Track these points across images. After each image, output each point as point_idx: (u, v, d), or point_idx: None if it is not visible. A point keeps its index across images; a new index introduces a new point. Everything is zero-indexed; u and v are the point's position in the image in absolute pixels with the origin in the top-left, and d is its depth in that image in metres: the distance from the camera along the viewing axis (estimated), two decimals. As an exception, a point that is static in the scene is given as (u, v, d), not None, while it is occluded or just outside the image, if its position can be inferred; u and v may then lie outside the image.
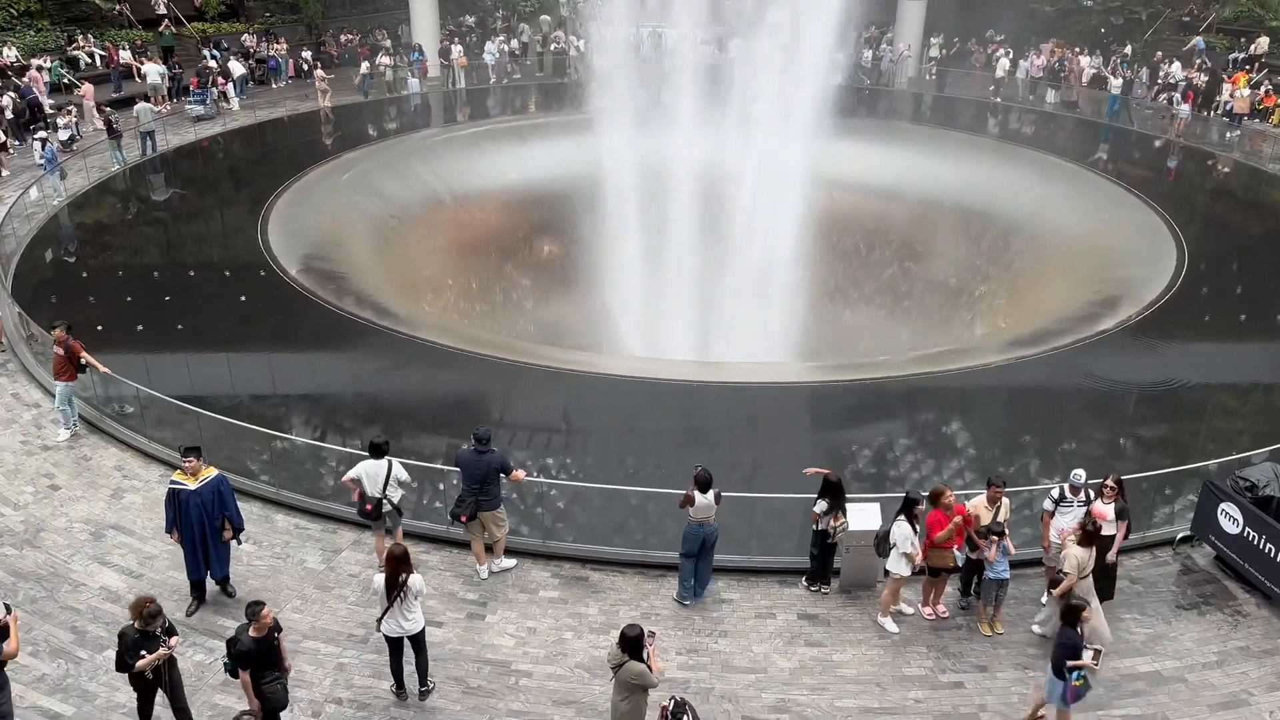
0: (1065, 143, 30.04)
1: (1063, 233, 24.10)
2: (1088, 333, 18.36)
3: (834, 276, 25.75)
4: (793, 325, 22.02)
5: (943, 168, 27.89)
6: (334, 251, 22.52)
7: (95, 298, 18.99)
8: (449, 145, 29.90)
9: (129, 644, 8.15)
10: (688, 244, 23.10)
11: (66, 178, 24.37)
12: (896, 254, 26.82)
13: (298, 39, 38.17)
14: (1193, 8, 38.50)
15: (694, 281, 22.82)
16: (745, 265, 22.32)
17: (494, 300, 25.84)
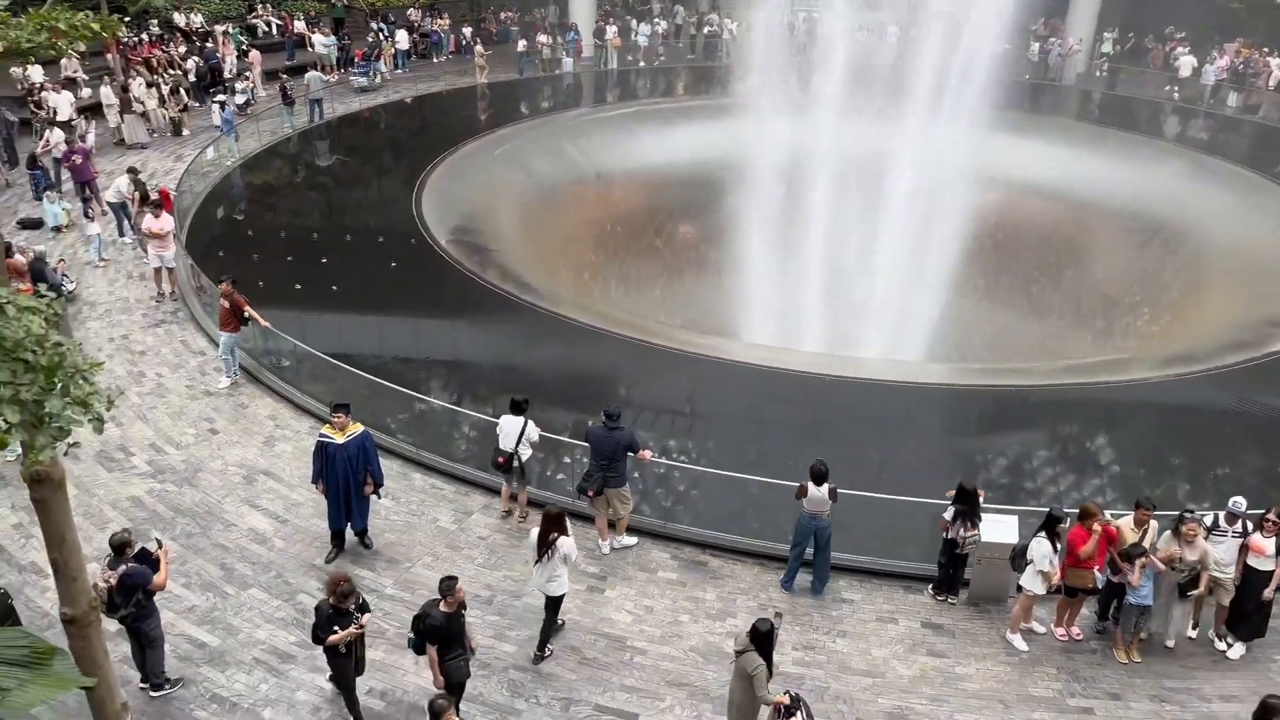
0: (1245, 150, 27.99)
1: (1235, 245, 22.51)
2: (1257, 353, 17.11)
3: (984, 276, 24.80)
4: (936, 324, 21.37)
5: (1109, 169, 26.45)
6: (482, 224, 23.16)
7: (259, 255, 20.12)
8: (598, 125, 30.28)
9: (323, 619, 8.40)
10: (831, 234, 22.71)
11: (240, 140, 25.84)
12: (1053, 257, 25.59)
13: (460, 15, 39.29)
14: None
15: (835, 273, 22.42)
16: (891, 259, 21.78)
17: (631, 279, 26.04)
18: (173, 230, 17.46)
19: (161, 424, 13.65)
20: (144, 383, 14.72)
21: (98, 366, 3.17)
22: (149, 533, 11.04)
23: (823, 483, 10.42)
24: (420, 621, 8.33)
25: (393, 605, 10.28)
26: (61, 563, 5.20)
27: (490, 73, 33.45)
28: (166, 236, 17.09)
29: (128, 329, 16.33)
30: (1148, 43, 35.54)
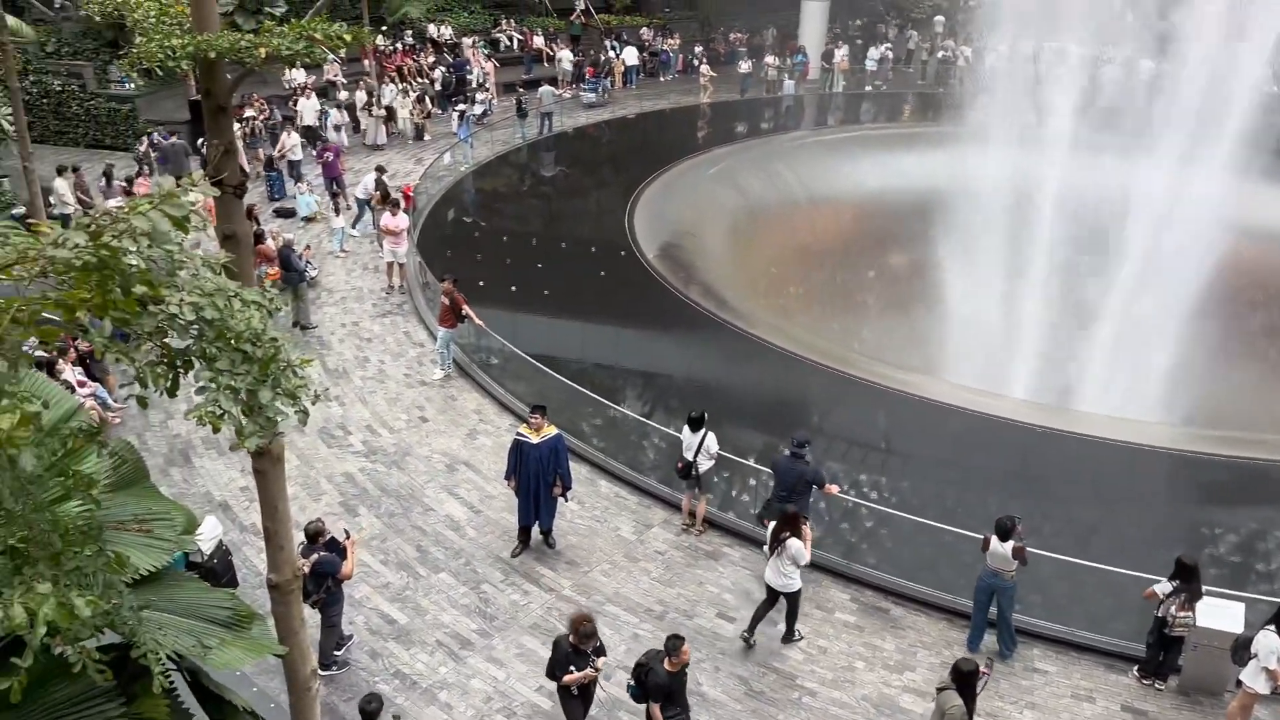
0: None
1: None
2: None
3: (1231, 335, 22.57)
4: (1170, 382, 19.62)
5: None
6: (690, 240, 23.40)
7: (482, 255, 21.20)
8: (815, 148, 29.91)
9: (560, 657, 8.40)
10: (1058, 276, 21.37)
11: (475, 147, 27.38)
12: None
13: (690, 35, 39.95)
14: None
15: (1058, 318, 21.07)
16: (1124, 307, 20.22)
17: (835, 306, 25.51)
18: (407, 228, 18.70)
19: (378, 408, 14.62)
20: (367, 367, 15.83)
21: (308, 362, 3.39)
22: (355, 510, 11.84)
23: (1007, 539, 9.77)
24: (642, 672, 8.23)
25: (567, 606, 10.49)
26: (272, 531, 5.63)
27: (714, 93, 33.82)
28: (401, 234, 18.33)
29: (358, 316, 17.62)
30: None
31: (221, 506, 12.01)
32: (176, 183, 2.77)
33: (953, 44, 37.54)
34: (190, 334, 2.84)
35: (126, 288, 2.50)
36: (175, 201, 2.58)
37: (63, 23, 29.20)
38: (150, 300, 2.63)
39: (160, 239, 2.52)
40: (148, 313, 2.64)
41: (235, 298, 2.88)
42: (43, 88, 25.77)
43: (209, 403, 2.92)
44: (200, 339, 2.85)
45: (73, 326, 2.62)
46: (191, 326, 2.76)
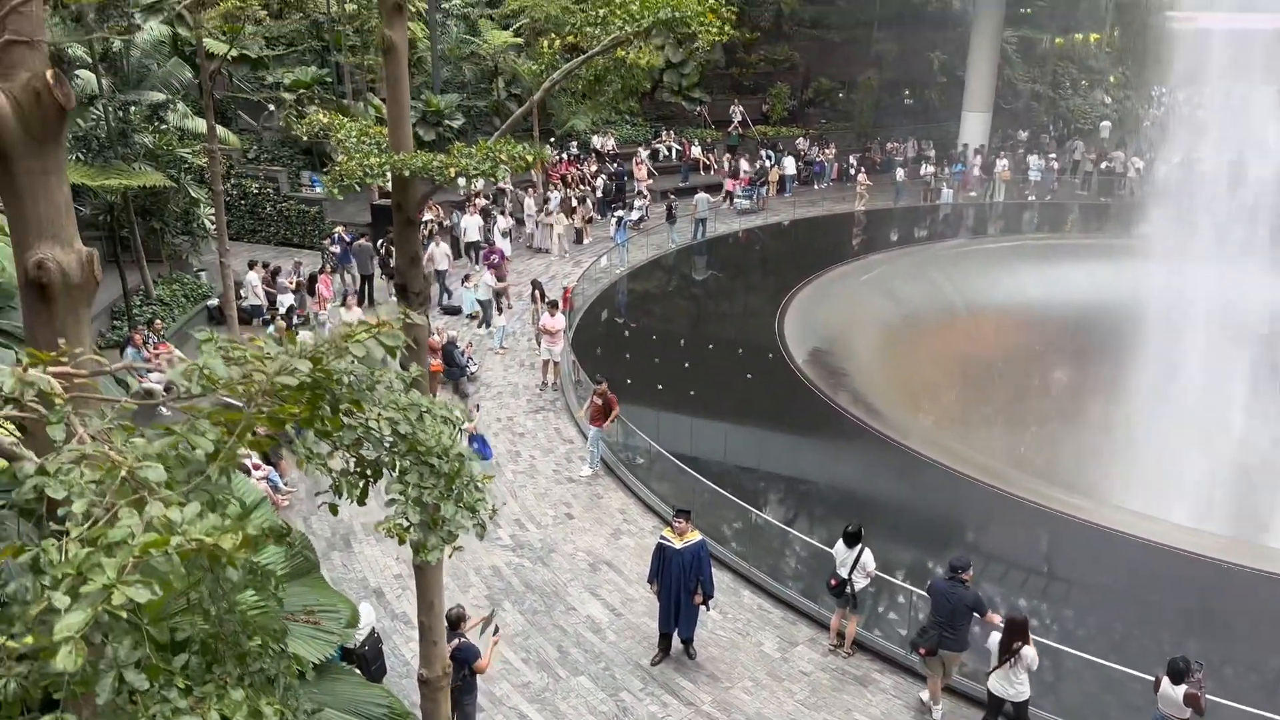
0: None
1: None
2: None
3: None
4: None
5: None
6: (840, 347, 23.18)
7: (631, 354, 21.64)
8: (973, 256, 29.37)
9: None
10: (1237, 402, 19.97)
11: (630, 252, 28.24)
12: None
13: (846, 145, 40.36)
14: None
15: (1237, 445, 19.59)
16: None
17: (993, 420, 24.56)
18: (563, 328, 19.34)
19: (527, 502, 14.92)
20: (519, 461, 16.23)
21: (489, 479, 3.53)
22: (500, 604, 12.01)
23: (1180, 682, 8.95)
24: None
25: (706, 723, 10.22)
26: (427, 626, 5.78)
27: (869, 200, 33.85)
28: (557, 334, 18.97)
29: (513, 411, 18.19)
30: None
31: (375, 593, 12.42)
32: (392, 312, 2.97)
33: (1121, 155, 36.44)
34: (384, 446, 3.03)
35: (335, 406, 2.71)
36: (390, 332, 2.79)
37: (264, 132, 32.17)
38: (351, 413, 2.84)
39: (372, 364, 2.73)
40: (348, 426, 2.85)
41: (427, 413, 3.06)
42: (242, 190, 28.33)
43: (398, 515, 3.09)
44: (392, 451, 3.04)
45: (280, 439, 2.84)
46: (386, 439, 2.95)
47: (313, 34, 32.79)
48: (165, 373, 2.82)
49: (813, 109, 43.45)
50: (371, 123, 6.81)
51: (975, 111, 37.16)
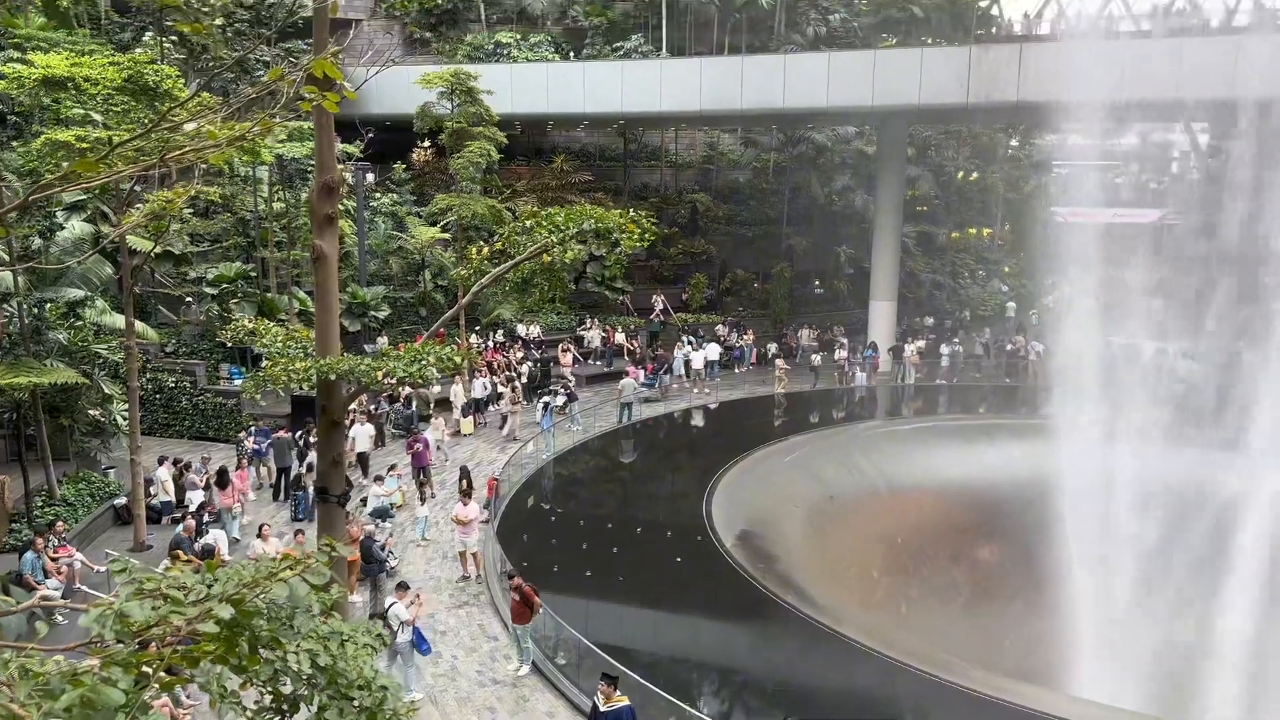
0: None
1: None
2: None
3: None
4: None
5: None
6: (768, 528, 23.19)
7: (558, 540, 21.27)
8: (890, 438, 30.16)
9: None
10: (1154, 576, 20.38)
11: (557, 436, 28.27)
12: None
13: (763, 331, 41.89)
14: None
15: (1160, 622, 19.86)
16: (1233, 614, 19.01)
17: (921, 601, 24.53)
18: (476, 517, 19.03)
19: (448, 708, 14.15)
20: (439, 664, 15.50)
21: (414, 710, 3.39)
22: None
23: None
24: None
25: None
26: None
27: (788, 384, 34.84)
28: (471, 523, 18.63)
29: (434, 607, 17.52)
30: None
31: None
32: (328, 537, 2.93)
33: (1022, 339, 38.51)
34: (302, 680, 2.89)
35: (254, 647, 2.61)
36: (315, 569, 2.73)
37: (184, 326, 31.98)
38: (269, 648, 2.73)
39: (298, 603, 2.65)
40: (265, 661, 2.73)
41: (348, 640, 2.95)
42: (157, 384, 27.79)
43: (316, 754, 2.92)
44: (311, 684, 2.90)
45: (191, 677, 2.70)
46: (304, 672, 2.82)
47: (239, 230, 33.33)
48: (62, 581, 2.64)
49: (730, 297, 45.25)
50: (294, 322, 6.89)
51: (882, 300, 39.12)
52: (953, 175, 52.62)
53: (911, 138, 45.44)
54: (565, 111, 38.09)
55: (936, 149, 52.31)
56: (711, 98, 34.69)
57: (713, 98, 34.69)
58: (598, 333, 38.18)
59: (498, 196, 36.64)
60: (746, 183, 50.43)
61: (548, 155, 46.28)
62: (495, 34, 45.24)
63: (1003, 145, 54.47)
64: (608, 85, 35.91)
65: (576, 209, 6.63)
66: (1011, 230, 54.85)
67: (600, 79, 36.43)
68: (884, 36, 48.62)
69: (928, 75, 32.19)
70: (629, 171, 47.75)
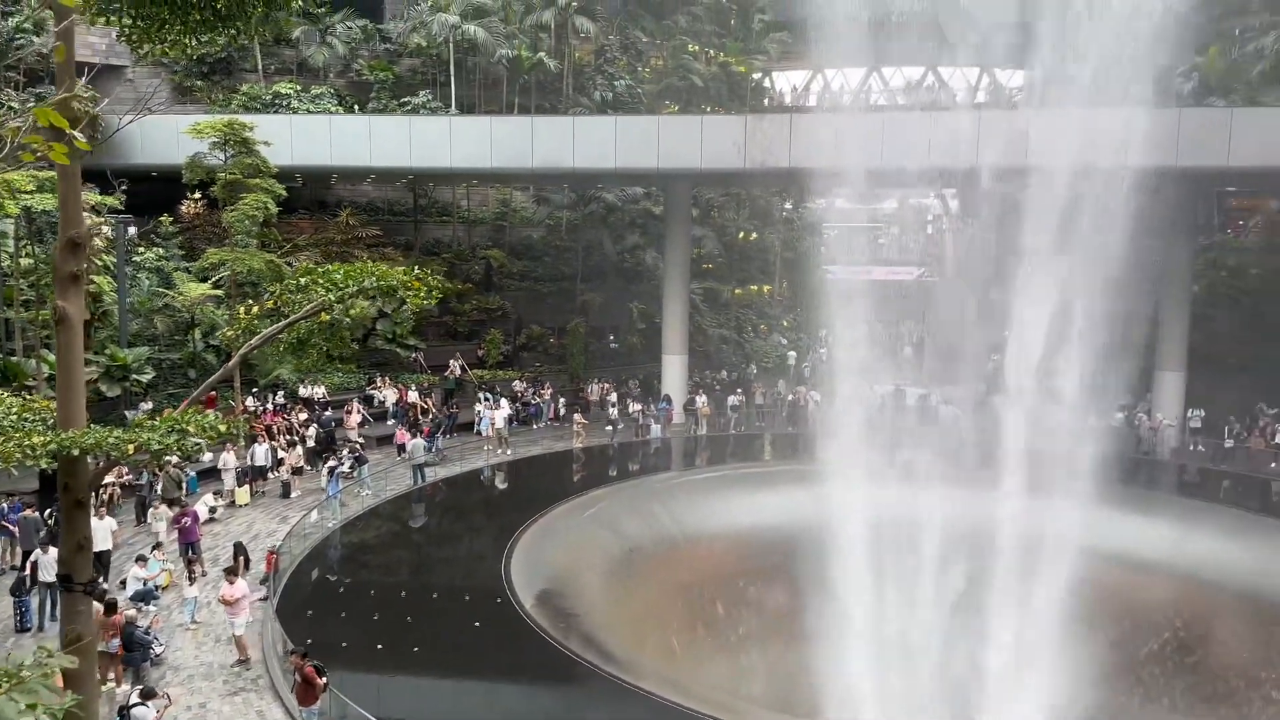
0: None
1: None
2: None
3: (1094, 660, 23.10)
4: (1046, 708, 19.61)
5: (1220, 547, 25.30)
6: (569, 586, 23.03)
7: (348, 613, 20.13)
8: (686, 488, 30.85)
9: None
10: (923, 607, 21.77)
11: (344, 503, 26.95)
12: (1169, 641, 23.82)
13: (560, 386, 42.02)
14: None
15: (935, 648, 21.17)
16: (996, 637, 20.56)
17: (719, 648, 25.01)
18: (247, 596, 17.78)
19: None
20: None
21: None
22: None
23: None
24: None
25: None
26: None
27: (586, 438, 35.03)
28: (239, 603, 17.37)
29: (207, 696, 16.07)
30: (1231, 420, 35.28)
31: None
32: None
33: (803, 389, 40.65)
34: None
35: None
36: (26, 689, 2.36)
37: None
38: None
39: None
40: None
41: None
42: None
43: None
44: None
45: None
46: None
47: (-19, 289, 30.07)
48: None
49: (527, 353, 45.16)
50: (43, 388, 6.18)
51: (673, 354, 40.28)
52: (734, 235, 55.30)
53: (696, 199, 47.43)
54: (350, 165, 37.07)
55: (719, 210, 54.90)
56: (503, 156, 34.84)
57: (504, 156, 34.85)
58: (390, 392, 36.95)
59: (277, 251, 34.96)
60: (540, 239, 50.85)
61: (333, 209, 44.81)
62: (274, 85, 43.60)
63: (778, 208, 57.91)
64: (395, 140, 35.33)
65: (357, 266, 6.37)
66: (789, 287, 58.17)
67: (387, 133, 35.80)
68: (667, 103, 50.81)
69: (708, 141, 33.81)
70: (420, 227, 46.98)
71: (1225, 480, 31.83)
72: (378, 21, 48.49)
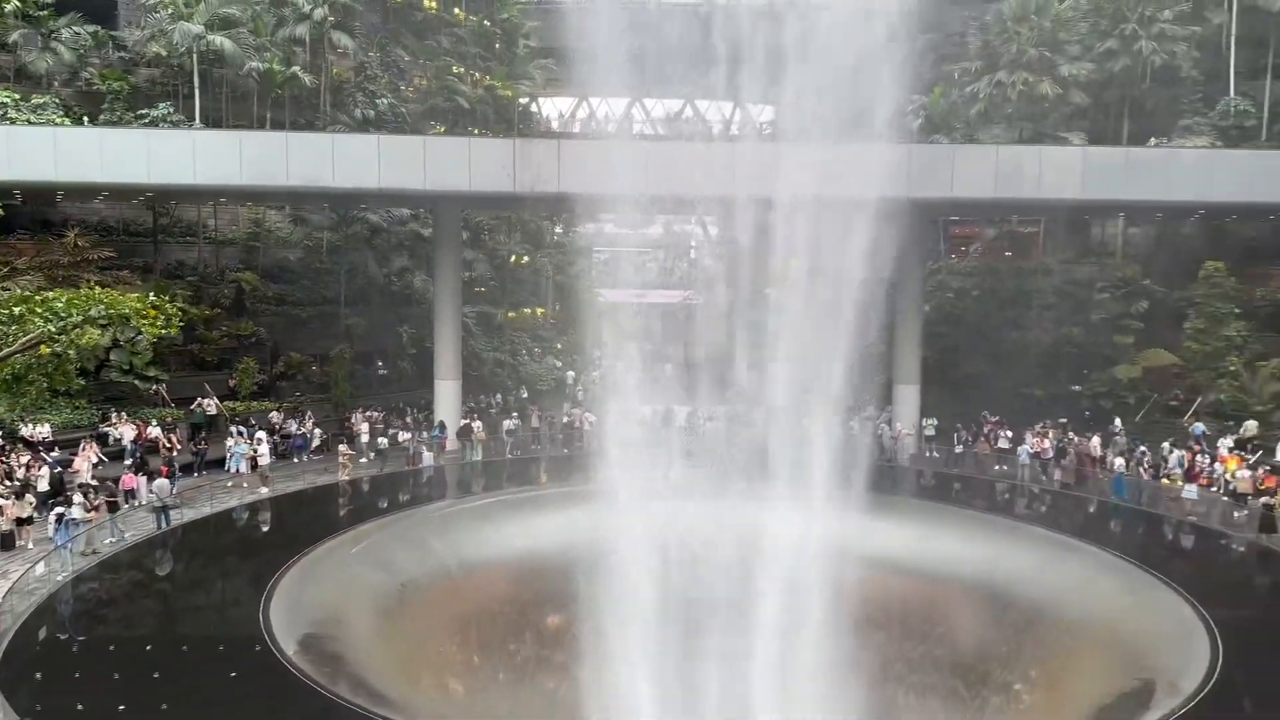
0: (1075, 523, 30.13)
1: (1084, 615, 23.44)
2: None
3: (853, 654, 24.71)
4: (813, 704, 20.72)
5: (957, 546, 27.85)
6: (336, 628, 21.93)
7: (82, 675, 18.12)
8: (461, 516, 30.24)
9: None
10: (699, 618, 22.43)
11: (76, 553, 24.32)
12: (915, 634, 25.89)
13: (324, 416, 40.11)
14: (1178, 394, 40.66)
15: (710, 657, 21.85)
16: (759, 641, 21.49)
17: (499, 677, 24.63)
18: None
19: None
20: None
21: None
22: None
23: None
24: None
25: None
26: None
27: (353, 470, 33.61)
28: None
29: (-98, 786, 13.95)
30: (957, 426, 38.94)
31: None
32: None
33: (577, 411, 41.04)
34: None
35: None
36: None
37: None
38: None
39: None
40: None
41: None
42: None
43: None
44: None
45: None
46: None
47: None
48: None
49: (285, 382, 42.81)
50: None
51: (446, 380, 39.49)
52: (506, 258, 55.21)
53: (466, 222, 46.97)
54: (78, 181, 33.77)
55: (490, 233, 54.67)
56: (254, 172, 32.97)
57: (256, 172, 32.99)
58: (128, 428, 33.78)
59: (-10, 275, 31.26)
60: (298, 261, 48.49)
61: (59, 228, 40.63)
62: (-13, 92, 39.11)
63: (549, 231, 58.46)
64: (132, 154, 32.56)
65: (83, 293, 5.71)
66: (562, 309, 58.73)
67: (122, 147, 32.95)
68: (432, 124, 50.06)
69: (476, 163, 33.60)
70: (160, 248, 43.51)
71: (957, 483, 35.08)
72: (110, 27, 44.71)
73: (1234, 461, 32.25)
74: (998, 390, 40.46)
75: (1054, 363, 43.48)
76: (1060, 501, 32.85)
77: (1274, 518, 27.83)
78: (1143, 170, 36.03)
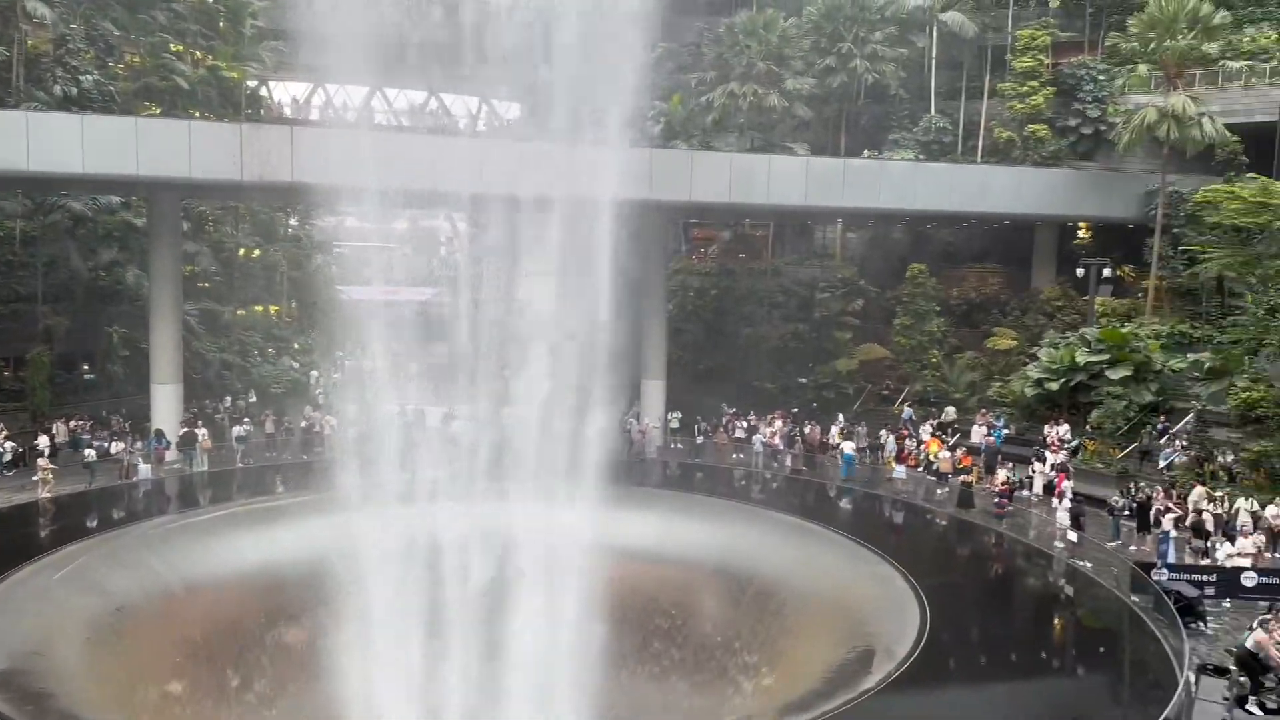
0: (804, 504, 32.45)
1: (814, 590, 25.31)
2: (853, 693, 18.58)
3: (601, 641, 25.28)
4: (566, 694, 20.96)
5: (699, 531, 29.16)
6: (39, 662, 19.68)
7: None
8: (184, 532, 27.92)
9: None
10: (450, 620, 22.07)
11: None
12: (663, 617, 26.88)
13: (20, 427, 35.68)
14: (889, 384, 44.93)
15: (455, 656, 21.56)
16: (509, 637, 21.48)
17: (231, 700, 22.99)
18: None
19: None
20: None
21: None
22: None
23: None
24: None
25: None
26: None
27: (56, 485, 30.15)
28: None
29: None
30: (699, 419, 40.91)
31: None
32: None
33: (318, 415, 39.01)
34: None
35: None
36: None
37: None
38: None
39: None
40: None
41: None
42: None
43: None
44: None
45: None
46: None
47: None
48: None
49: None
50: None
51: (164, 384, 36.32)
52: (234, 252, 51.55)
53: (187, 212, 43.41)
54: None
55: (215, 224, 50.80)
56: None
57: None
58: None
59: None
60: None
61: None
62: None
63: (283, 224, 55.16)
64: None
65: None
66: (299, 307, 55.64)
67: None
68: (146, 104, 45.85)
69: (198, 149, 31.15)
70: None
71: (699, 473, 36.76)
72: None
73: (935, 444, 35.98)
74: (735, 384, 42.93)
75: (783, 357, 46.68)
76: (791, 485, 35.27)
77: (970, 494, 31.34)
78: (858, 180, 39.52)
